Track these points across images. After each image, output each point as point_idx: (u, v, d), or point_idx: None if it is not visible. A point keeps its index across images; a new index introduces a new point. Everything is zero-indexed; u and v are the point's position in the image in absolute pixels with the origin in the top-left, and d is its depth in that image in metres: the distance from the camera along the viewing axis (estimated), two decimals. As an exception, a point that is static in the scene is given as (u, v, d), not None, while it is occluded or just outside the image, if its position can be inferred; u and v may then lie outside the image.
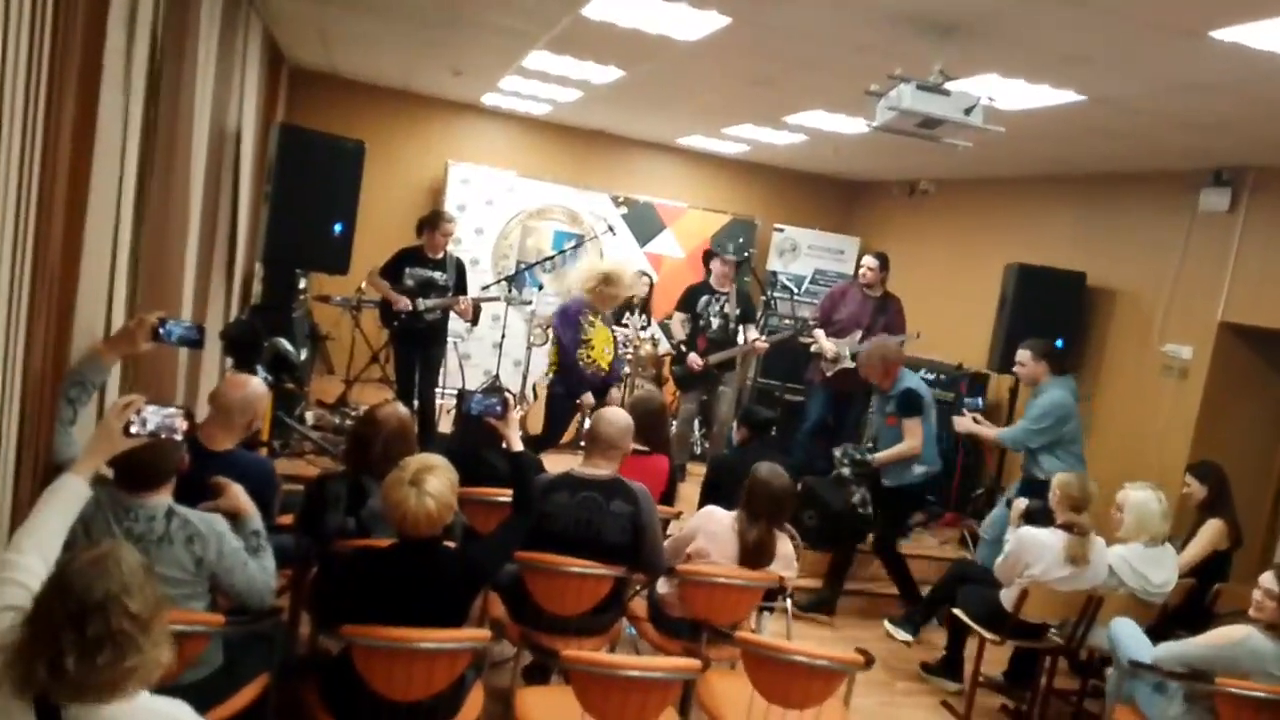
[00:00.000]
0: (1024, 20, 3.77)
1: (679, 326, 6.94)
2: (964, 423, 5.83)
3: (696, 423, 7.41)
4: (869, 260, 6.97)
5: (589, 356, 5.85)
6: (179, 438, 2.51)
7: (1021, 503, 4.85)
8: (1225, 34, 3.50)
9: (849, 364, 6.63)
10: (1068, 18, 3.65)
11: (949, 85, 3.92)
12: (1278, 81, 3.94)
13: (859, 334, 6.71)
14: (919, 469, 5.52)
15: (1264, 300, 5.64)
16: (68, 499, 2.28)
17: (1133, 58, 4.06)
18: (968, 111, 3.86)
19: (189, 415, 2.55)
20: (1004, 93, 4.80)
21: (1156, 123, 5.14)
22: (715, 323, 6.90)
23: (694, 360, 6.74)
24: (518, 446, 3.28)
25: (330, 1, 5.88)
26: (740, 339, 6.95)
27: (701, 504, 4.72)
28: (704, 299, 6.92)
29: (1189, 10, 3.38)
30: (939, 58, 4.00)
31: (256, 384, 3.40)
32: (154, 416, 2.46)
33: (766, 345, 7.04)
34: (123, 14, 3.25)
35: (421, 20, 5.94)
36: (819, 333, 6.91)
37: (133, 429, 2.43)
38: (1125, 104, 4.87)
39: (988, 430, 5.79)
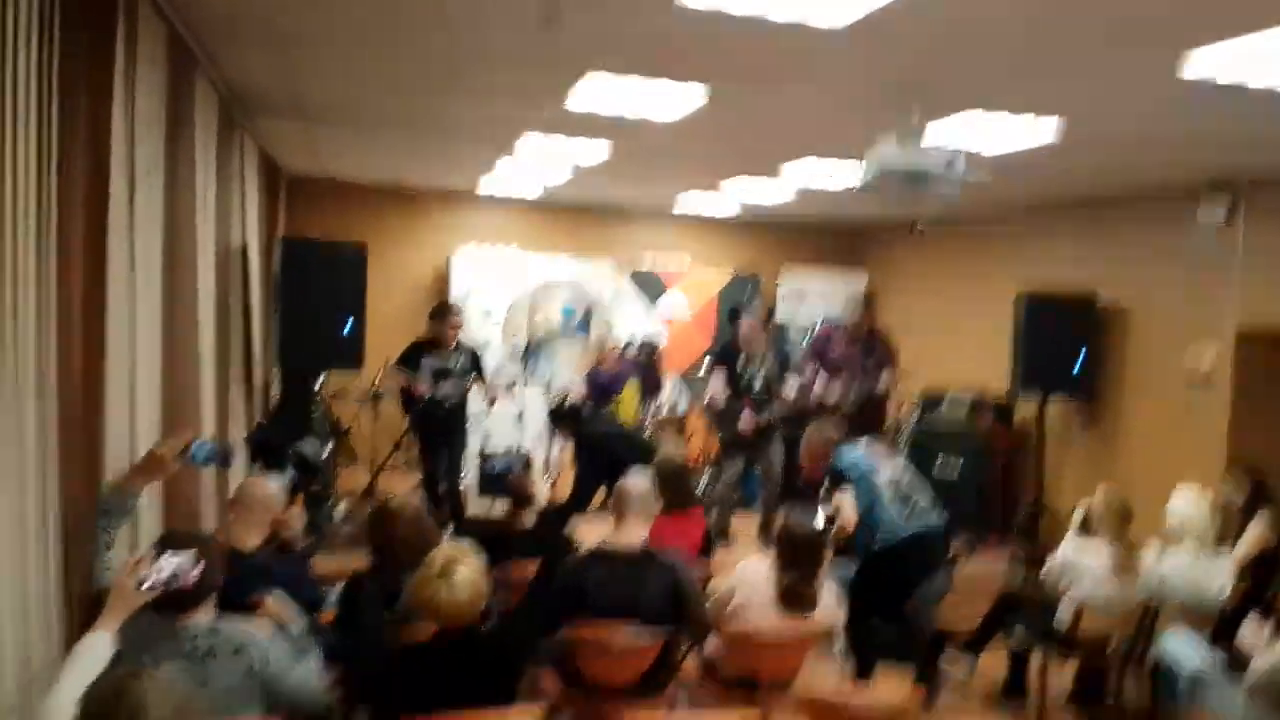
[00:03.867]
0: (994, 49, 3.82)
1: (720, 389, 6.76)
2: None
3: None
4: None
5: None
6: (192, 582, 2.50)
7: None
8: (1194, 70, 3.61)
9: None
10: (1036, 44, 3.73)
11: (930, 138, 3.99)
12: (1247, 109, 4.03)
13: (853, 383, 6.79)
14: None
15: (1276, 303, 5.62)
16: (95, 659, 2.32)
17: (1108, 93, 4.16)
18: (949, 165, 3.93)
19: (203, 555, 2.55)
20: (988, 129, 4.87)
21: (1140, 145, 5.21)
22: (758, 383, 6.80)
23: (747, 420, 6.62)
24: (542, 502, 3.34)
25: (316, 120, 6.08)
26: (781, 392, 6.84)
27: None
28: (740, 359, 6.84)
29: (1160, 46, 3.48)
30: (917, 108, 4.08)
31: (271, 485, 3.66)
32: (168, 565, 2.46)
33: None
34: (123, 163, 3.43)
35: (408, 126, 6.14)
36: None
37: (145, 585, 2.43)
38: (1106, 133, 4.94)
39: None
